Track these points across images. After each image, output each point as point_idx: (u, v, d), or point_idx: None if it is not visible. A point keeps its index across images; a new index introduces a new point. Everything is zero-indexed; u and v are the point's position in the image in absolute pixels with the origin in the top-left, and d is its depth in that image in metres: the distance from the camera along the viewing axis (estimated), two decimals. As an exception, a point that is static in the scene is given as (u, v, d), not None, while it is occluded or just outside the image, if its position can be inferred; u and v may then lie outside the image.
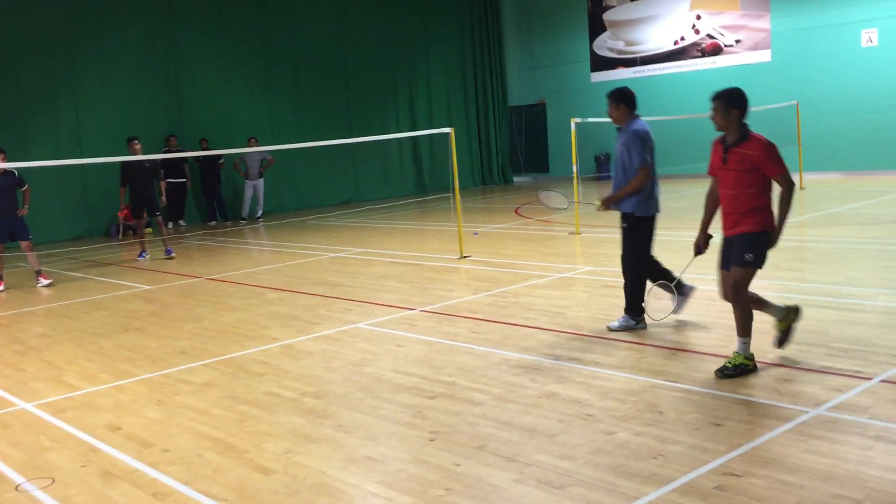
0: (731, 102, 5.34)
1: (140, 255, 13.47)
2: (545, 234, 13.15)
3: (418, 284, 9.47)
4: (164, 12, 18.84)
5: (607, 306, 7.60)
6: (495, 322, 7.33)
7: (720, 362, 5.52)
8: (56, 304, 9.94)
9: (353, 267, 11.08)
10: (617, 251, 7.11)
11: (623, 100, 6.67)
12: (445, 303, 8.34)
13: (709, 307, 7.14)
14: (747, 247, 5.33)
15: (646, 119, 7.14)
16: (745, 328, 5.39)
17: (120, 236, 17.32)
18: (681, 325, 6.74)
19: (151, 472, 4.39)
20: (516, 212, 16.51)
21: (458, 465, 4.23)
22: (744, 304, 5.40)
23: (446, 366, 6.06)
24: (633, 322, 6.70)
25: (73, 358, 7.10)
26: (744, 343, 5.38)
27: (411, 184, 23.79)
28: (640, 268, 6.68)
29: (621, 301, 6.90)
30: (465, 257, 11.09)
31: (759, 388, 5.07)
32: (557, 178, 24.63)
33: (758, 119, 6.52)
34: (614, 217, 7.06)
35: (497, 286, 8.99)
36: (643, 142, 6.51)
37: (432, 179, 24.15)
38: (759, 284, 6.06)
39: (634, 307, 6.70)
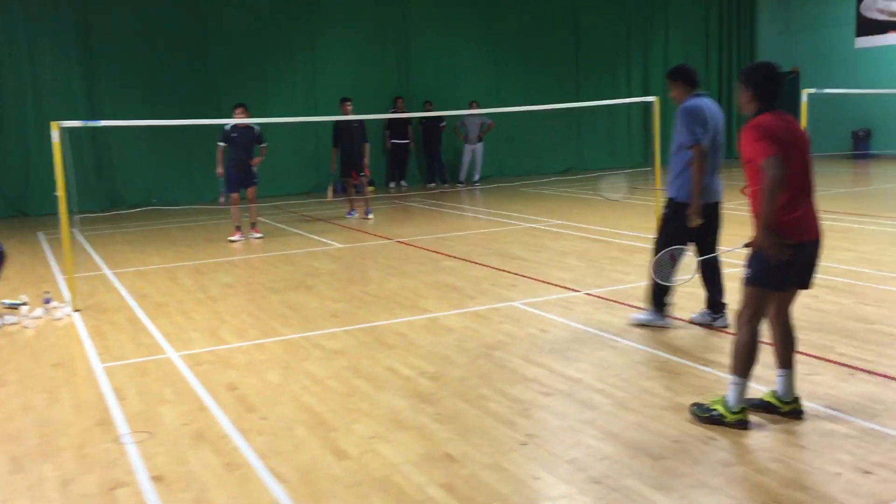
0: (747, 80, 4.28)
1: (349, 214, 13.95)
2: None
3: (597, 264, 8.90)
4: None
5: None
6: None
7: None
8: (255, 255, 10.49)
9: (540, 240, 10.68)
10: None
11: (680, 77, 5.97)
12: (616, 287, 7.74)
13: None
14: (749, 258, 4.28)
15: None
16: (735, 365, 4.26)
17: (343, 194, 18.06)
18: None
19: (238, 441, 4.37)
20: (742, 191, 15.05)
21: (537, 478, 3.80)
22: (743, 335, 4.24)
23: (581, 359, 5.56)
24: (655, 318, 6.16)
25: (238, 311, 7.38)
26: (734, 386, 4.23)
27: (639, 154, 22.68)
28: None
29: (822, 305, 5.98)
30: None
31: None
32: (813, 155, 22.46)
33: None
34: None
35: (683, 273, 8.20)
36: (693, 117, 5.77)
37: (664, 149, 22.83)
38: None
39: (656, 302, 6.14)
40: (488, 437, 4.30)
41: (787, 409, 4.40)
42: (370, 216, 13.64)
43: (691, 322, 6.36)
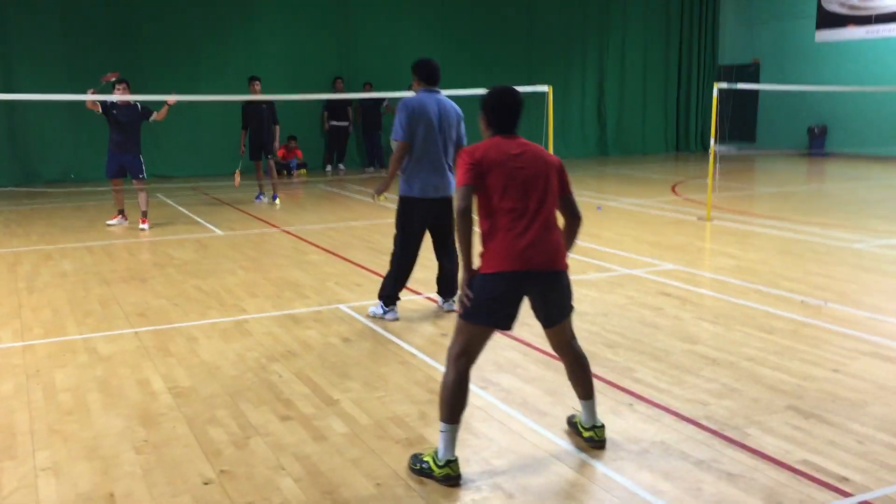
0: (481, 106, 3.90)
1: (257, 198, 13.40)
2: (674, 217, 11.35)
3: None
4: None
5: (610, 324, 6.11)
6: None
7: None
8: (120, 241, 9.93)
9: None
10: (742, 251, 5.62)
11: (414, 70, 6.19)
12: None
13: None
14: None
15: (880, 88, 5.58)
16: (440, 408, 3.74)
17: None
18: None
19: None
20: (673, 189, 14.55)
21: None
22: (448, 374, 3.75)
23: (358, 376, 5.02)
24: (381, 312, 6.24)
25: (44, 305, 6.84)
26: (441, 434, 3.71)
27: (592, 144, 22.12)
28: (401, 258, 6.19)
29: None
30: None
31: None
32: (765, 151, 21.92)
33: None
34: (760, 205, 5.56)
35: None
36: (403, 112, 5.94)
37: (617, 141, 22.34)
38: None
39: (384, 295, 6.24)
40: (174, 473, 3.76)
41: (586, 434, 4.06)
42: (276, 201, 13.09)
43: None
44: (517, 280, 3.71)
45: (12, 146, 16.14)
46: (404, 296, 6.69)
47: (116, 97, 10.27)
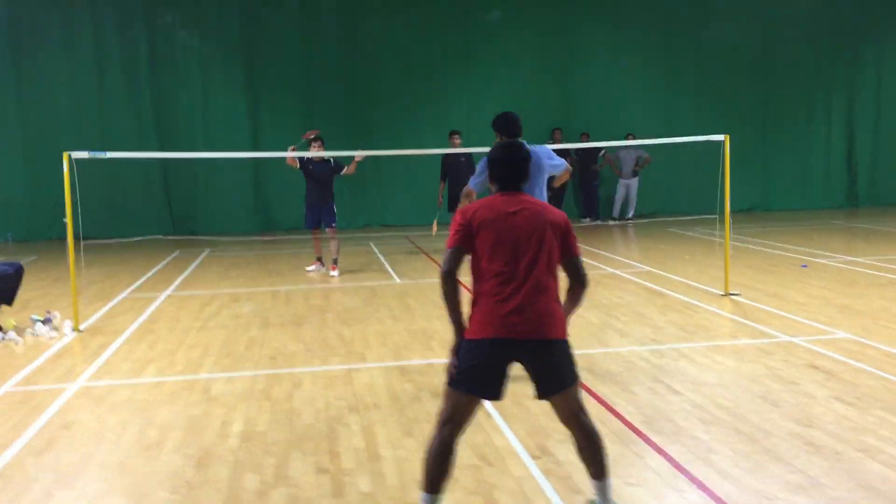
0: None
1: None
2: (890, 278, 10.04)
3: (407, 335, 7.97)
4: None
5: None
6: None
7: None
8: (309, 286, 10.62)
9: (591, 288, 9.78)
10: None
11: (494, 126, 6.27)
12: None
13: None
14: None
15: None
16: (422, 476, 3.64)
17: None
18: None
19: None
20: None
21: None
22: (431, 440, 3.65)
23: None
24: None
25: (201, 344, 7.50)
26: None
27: (839, 194, 20.18)
28: None
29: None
30: (730, 294, 9.04)
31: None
32: None
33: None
34: None
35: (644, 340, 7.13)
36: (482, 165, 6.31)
37: (870, 191, 20.20)
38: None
39: None
40: (186, 514, 3.97)
41: None
42: None
43: None
44: (500, 347, 3.53)
45: (256, 196, 17.92)
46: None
47: (312, 153, 11.11)
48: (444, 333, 7.64)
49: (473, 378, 3.56)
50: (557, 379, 3.63)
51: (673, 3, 19.08)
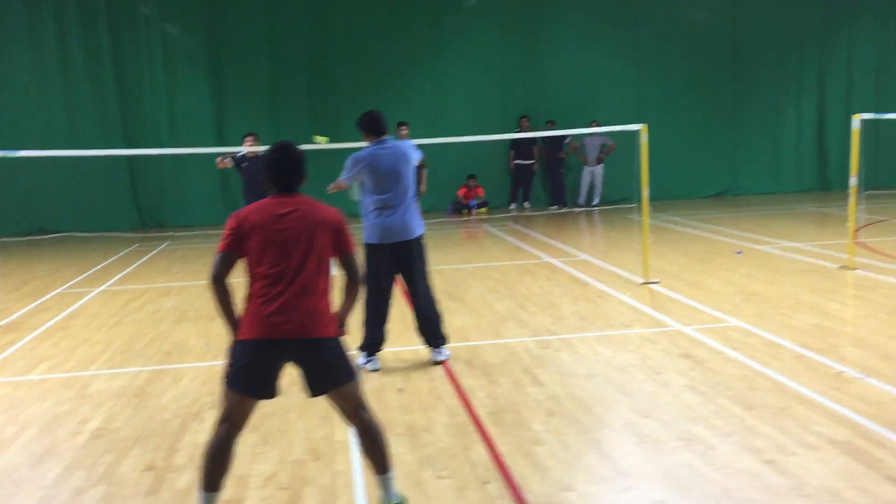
0: None
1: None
2: (816, 265, 10.03)
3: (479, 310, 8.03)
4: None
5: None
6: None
7: None
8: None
9: (515, 278, 9.83)
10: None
11: (360, 126, 6.28)
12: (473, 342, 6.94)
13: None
14: None
15: None
16: (199, 473, 3.76)
17: (452, 214, 17.91)
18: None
19: None
20: (855, 233, 12.62)
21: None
22: (209, 438, 3.77)
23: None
24: (363, 362, 6.23)
25: (102, 341, 7.62)
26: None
27: (810, 178, 20.07)
28: (368, 301, 6.22)
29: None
30: (648, 283, 9.07)
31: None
32: None
33: None
34: None
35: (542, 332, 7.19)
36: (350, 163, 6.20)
37: (842, 175, 20.03)
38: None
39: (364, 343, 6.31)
40: (-3, 511, 4.09)
41: None
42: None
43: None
44: (264, 348, 3.61)
45: (222, 189, 18.00)
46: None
47: (246, 148, 11.12)
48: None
49: (244, 378, 3.65)
50: (328, 377, 3.71)
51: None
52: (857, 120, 9.40)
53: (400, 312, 7.32)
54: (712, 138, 19.50)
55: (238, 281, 3.67)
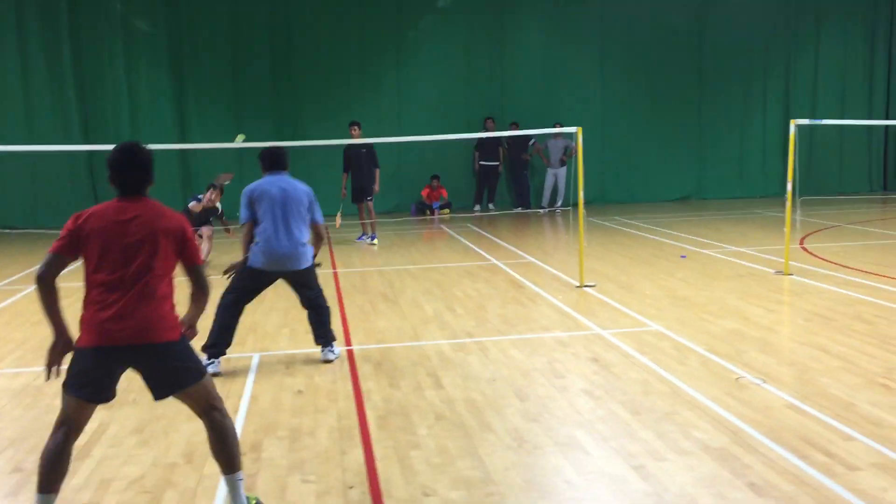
0: None
1: (358, 238, 13.79)
2: (754, 269, 10.03)
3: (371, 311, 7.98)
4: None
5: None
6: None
7: None
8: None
9: (453, 279, 9.78)
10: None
11: (259, 159, 6.51)
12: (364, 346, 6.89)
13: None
14: None
15: None
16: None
17: (417, 215, 17.84)
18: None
19: None
20: (801, 242, 12.49)
21: None
22: (47, 440, 3.71)
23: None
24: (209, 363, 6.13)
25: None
26: None
27: (775, 183, 20.10)
28: (221, 305, 6.29)
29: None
30: (584, 286, 9.03)
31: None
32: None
33: None
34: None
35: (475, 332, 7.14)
36: (243, 198, 6.36)
37: (808, 179, 20.10)
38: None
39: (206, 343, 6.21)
40: None
41: None
42: (374, 241, 13.33)
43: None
44: (101, 355, 3.57)
45: (183, 187, 17.89)
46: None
47: (207, 201, 11.16)
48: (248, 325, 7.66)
49: (81, 383, 3.60)
50: (168, 381, 3.67)
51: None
52: (793, 125, 9.39)
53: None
54: (677, 142, 19.55)
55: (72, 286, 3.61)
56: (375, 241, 13.41)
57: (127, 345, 3.54)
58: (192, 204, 11.28)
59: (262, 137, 16.47)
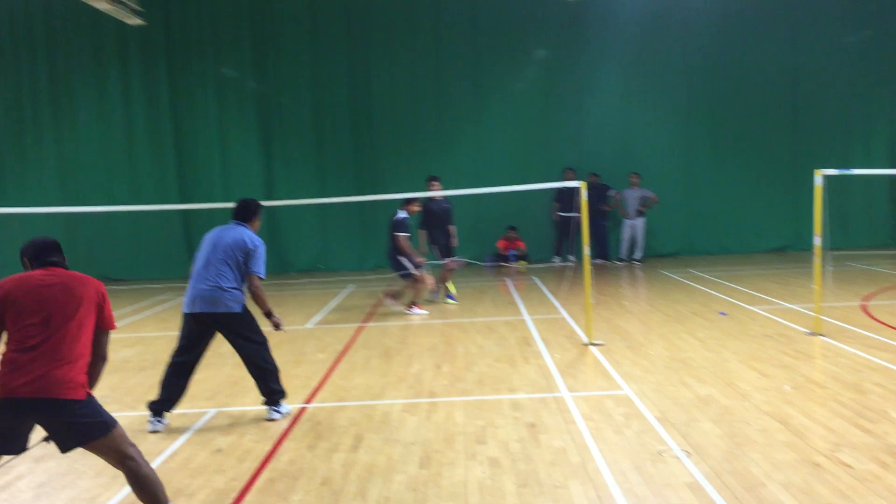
0: None
1: (432, 294, 13.21)
2: (782, 327, 9.31)
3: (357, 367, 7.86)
4: (569, 38, 18.41)
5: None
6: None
7: None
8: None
9: (459, 335, 9.62)
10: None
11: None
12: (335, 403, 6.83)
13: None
14: None
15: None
16: None
17: (492, 265, 17.74)
18: None
19: None
20: (864, 300, 11.42)
21: None
22: None
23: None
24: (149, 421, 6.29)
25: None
26: None
27: (883, 234, 18.64)
28: (172, 356, 6.44)
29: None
30: (592, 344, 8.68)
31: None
32: None
33: None
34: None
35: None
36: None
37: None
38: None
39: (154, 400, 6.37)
40: None
41: None
42: (449, 300, 12.70)
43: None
44: (6, 407, 3.85)
45: (272, 240, 18.60)
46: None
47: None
48: (228, 381, 7.76)
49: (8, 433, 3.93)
50: (73, 435, 3.94)
51: (690, 42, 18.35)
52: (818, 176, 8.72)
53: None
54: (771, 191, 18.54)
55: None
56: (450, 299, 12.73)
57: (25, 398, 3.82)
58: None
59: (346, 191, 17.12)
